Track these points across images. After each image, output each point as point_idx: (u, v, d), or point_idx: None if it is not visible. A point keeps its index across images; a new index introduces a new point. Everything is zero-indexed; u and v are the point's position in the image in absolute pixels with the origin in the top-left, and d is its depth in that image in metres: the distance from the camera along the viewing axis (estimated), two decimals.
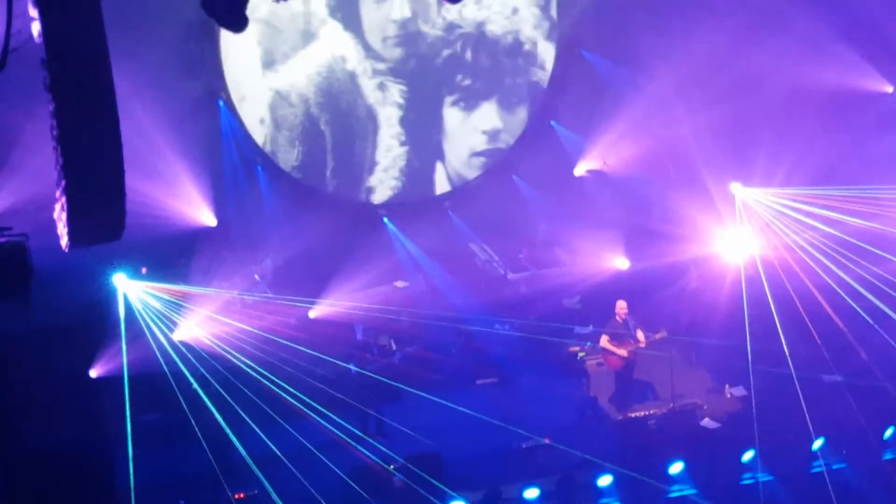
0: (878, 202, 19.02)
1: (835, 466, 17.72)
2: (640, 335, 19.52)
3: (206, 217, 20.85)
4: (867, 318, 18.47)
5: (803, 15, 20.64)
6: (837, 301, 18.89)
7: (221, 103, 22.07)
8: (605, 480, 17.35)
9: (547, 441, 18.14)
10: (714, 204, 20.71)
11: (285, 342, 18.07)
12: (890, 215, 18.99)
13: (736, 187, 20.09)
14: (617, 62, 23.25)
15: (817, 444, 17.73)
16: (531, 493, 17.07)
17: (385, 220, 23.65)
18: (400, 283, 22.35)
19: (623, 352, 19.50)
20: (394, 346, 19.91)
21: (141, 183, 12.64)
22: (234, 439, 16.55)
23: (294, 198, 23.05)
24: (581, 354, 20.78)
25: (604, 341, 19.70)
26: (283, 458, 16.58)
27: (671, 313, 20.94)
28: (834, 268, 19.02)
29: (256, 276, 21.08)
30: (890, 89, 20.80)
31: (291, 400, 17.07)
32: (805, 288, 19.04)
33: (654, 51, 21.93)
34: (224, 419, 16.48)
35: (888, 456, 18.13)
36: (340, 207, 23.32)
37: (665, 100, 22.08)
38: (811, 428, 17.43)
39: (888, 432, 18.24)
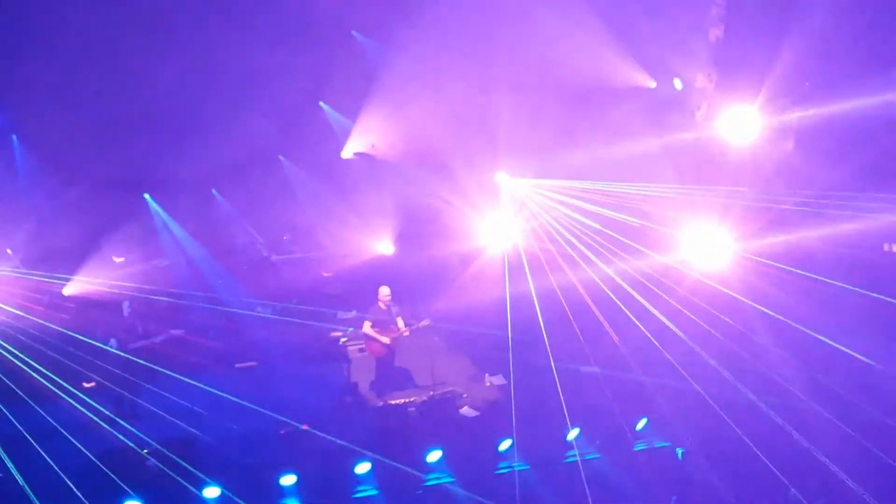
0: (646, 199, 19.71)
1: (588, 457, 18.12)
2: (401, 323, 19.76)
3: None
4: (626, 310, 18.92)
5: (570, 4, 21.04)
6: (598, 294, 19.38)
7: None
8: (362, 468, 17.31)
9: (305, 427, 18.00)
10: (480, 194, 21.17)
11: (37, 319, 17.75)
12: (656, 211, 19.71)
13: (501, 177, 20.58)
14: (386, 45, 23.38)
15: (572, 434, 18.19)
16: (288, 479, 16.91)
17: (146, 196, 23.29)
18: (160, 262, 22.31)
19: (385, 339, 19.77)
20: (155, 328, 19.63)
21: None
22: None
23: (51, 170, 22.41)
24: (343, 340, 20.90)
25: (366, 327, 19.90)
26: (29, 438, 16.21)
27: (435, 302, 21.14)
28: (596, 260, 19.62)
29: (9, 251, 20.68)
30: (653, 84, 21.50)
31: (40, 379, 16.74)
32: (567, 280, 19.58)
33: (421, 36, 22.00)
34: None
35: (640, 447, 18.65)
36: (100, 183, 22.63)
37: (431, 86, 22.18)
38: (567, 418, 17.91)
39: (641, 423, 18.82)
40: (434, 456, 17.62)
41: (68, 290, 19.91)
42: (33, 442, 16.10)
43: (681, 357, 18.36)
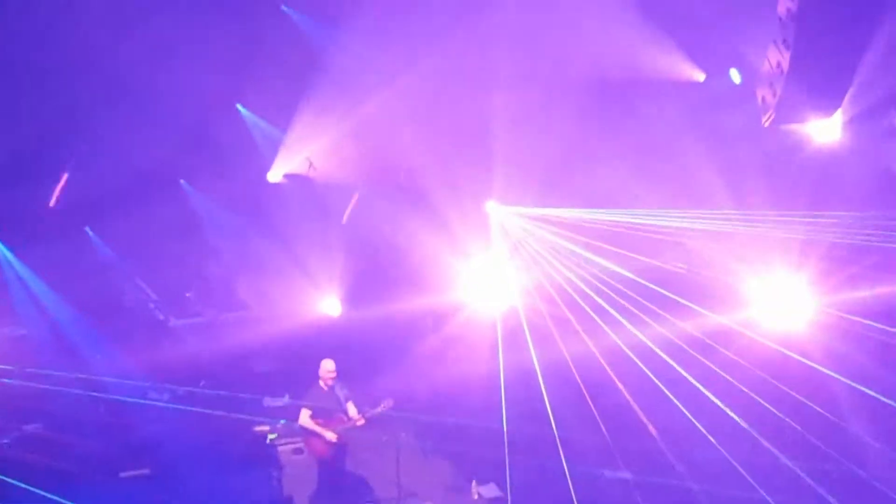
0: (694, 233, 19.58)
1: None
2: (353, 410, 19.13)
3: None
4: (667, 392, 18.87)
5: None
6: (628, 369, 19.31)
7: None
8: None
9: None
10: (463, 229, 21.02)
11: None
12: (708, 250, 19.62)
13: (492, 207, 20.52)
14: (331, 23, 22.66)
15: None
16: None
17: None
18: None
19: (330, 433, 19.05)
20: None
21: None
22: None
23: None
24: (272, 437, 20.45)
25: (304, 418, 19.20)
26: None
27: (400, 379, 21.10)
28: (624, 322, 19.56)
29: None
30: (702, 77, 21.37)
31: None
32: (585, 348, 19.52)
33: (382, 11, 21.42)
34: None
35: None
36: None
37: (396, 80, 21.72)
38: None
39: None
40: None
41: None
42: None
43: (745, 457, 18.09)
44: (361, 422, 19.10)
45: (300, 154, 23.39)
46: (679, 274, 19.82)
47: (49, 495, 17.80)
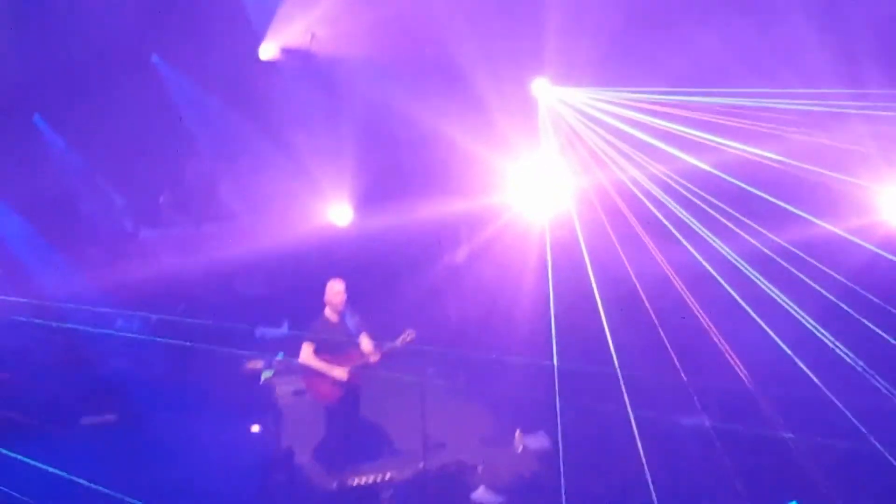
0: (808, 118, 19.32)
1: None
2: (366, 342, 19.05)
3: None
4: (757, 318, 18.68)
5: None
6: (709, 290, 19.27)
7: None
8: None
9: None
10: (505, 115, 20.70)
11: None
12: (803, 141, 19.33)
13: (541, 87, 20.25)
14: None
15: None
16: None
17: None
18: None
19: (338, 371, 19.02)
20: None
21: None
22: None
23: None
24: (266, 375, 20.56)
25: (306, 353, 19.14)
26: None
27: (425, 305, 21.32)
28: (707, 232, 19.49)
29: None
30: None
31: None
32: (656, 266, 19.48)
33: None
34: None
35: None
36: None
37: None
38: None
39: None
40: None
41: None
42: None
43: (854, 400, 17.89)
44: (377, 357, 19.03)
45: (301, 22, 23.17)
46: (779, 172, 19.42)
47: None
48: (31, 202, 22.88)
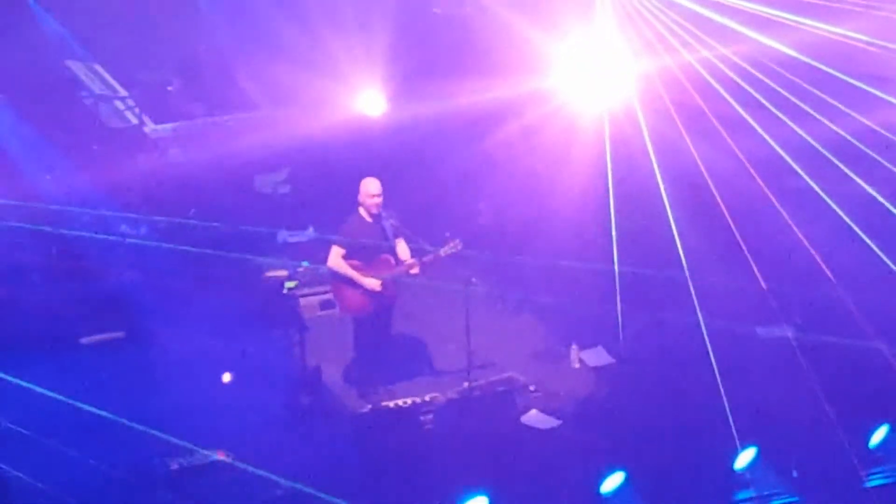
0: None
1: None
2: (404, 249, 17.93)
3: None
4: (847, 218, 18.43)
5: None
6: (790, 185, 19.22)
7: None
8: None
9: (222, 456, 16.52)
10: None
11: None
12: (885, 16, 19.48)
13: None
14: None
15: (744, 458, 16.62)
16: None
17: None
18: None
19: (371, 281, 17.84)
20: None
21: None
22: None
23: None
24: (290, 285, 19.76)
25: (335, 259, 17.97)
26: None
27: (471, 206, 21.61)
28: (786, 119, 19.18)
29: None
30: None
31: None
32: (729, 159, 19.13)
33: None
34: None
35: (876, 481, 16.80)
36: None
37: None
38: (733, 428, 16.53)
39: (878, 435, 17.07)
40: None
41: None
42: None
43: None
44: (416, 269, 17.84)
45: None
46: (868, 53, 18.75)
47: None
48: (25, 92, 21.76)
